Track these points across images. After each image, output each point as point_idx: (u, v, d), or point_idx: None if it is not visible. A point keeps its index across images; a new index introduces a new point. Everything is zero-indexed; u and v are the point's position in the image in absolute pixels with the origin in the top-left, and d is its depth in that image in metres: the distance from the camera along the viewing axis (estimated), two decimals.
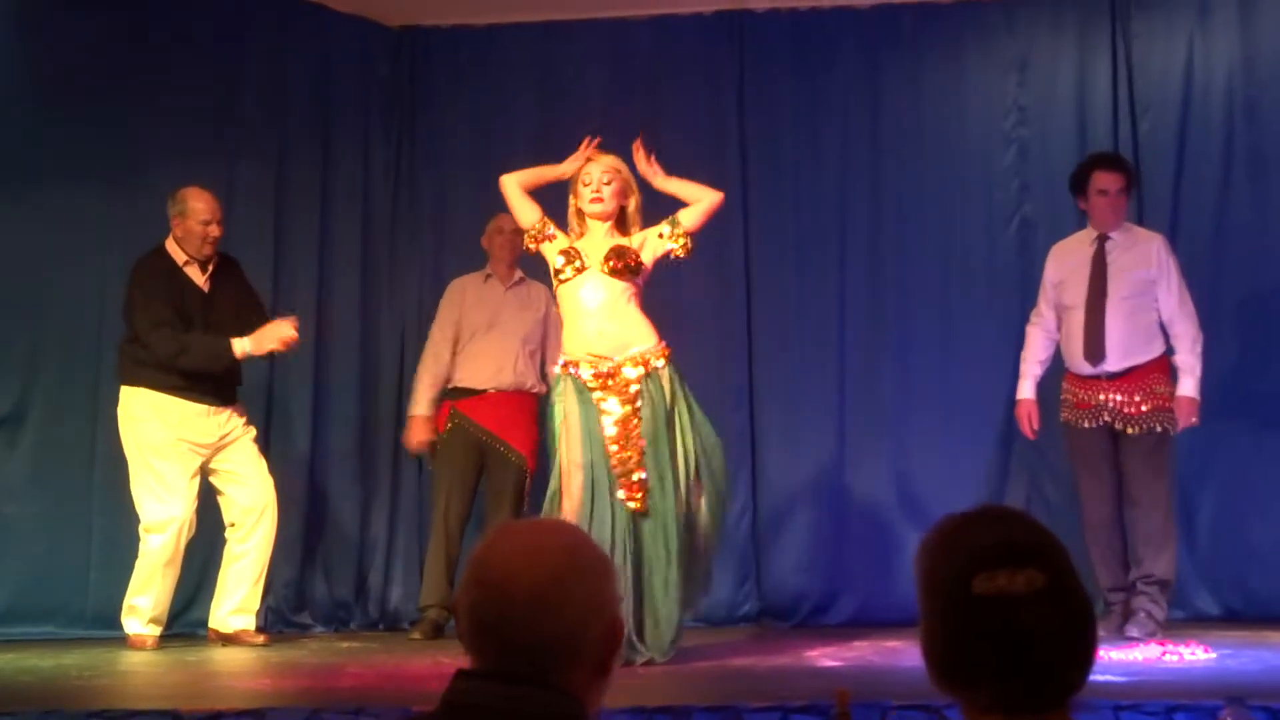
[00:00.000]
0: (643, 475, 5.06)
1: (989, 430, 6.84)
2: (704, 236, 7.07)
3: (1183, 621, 6.30)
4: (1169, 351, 5.89)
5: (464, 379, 6.48)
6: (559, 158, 5.58)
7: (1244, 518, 6.55)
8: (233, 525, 6.06)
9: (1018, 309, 6.85)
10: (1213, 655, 5.03)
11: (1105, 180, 5.98)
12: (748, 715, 3.70)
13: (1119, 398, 5.82)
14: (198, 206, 5.96)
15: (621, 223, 5.36)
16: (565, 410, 5.17)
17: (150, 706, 3.98)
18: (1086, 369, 5.87)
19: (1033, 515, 1.83)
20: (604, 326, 5.20)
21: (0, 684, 4.92)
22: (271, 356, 6.13)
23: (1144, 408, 5.80)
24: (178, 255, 5.99)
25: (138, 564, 5.89)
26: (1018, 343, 6.81)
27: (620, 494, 5.06)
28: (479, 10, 7.28)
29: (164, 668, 5.42)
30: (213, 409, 5.96)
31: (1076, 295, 5.94)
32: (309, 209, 7.08)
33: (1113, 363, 5.83)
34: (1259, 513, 6.52)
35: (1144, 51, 6.92)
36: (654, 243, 5.34)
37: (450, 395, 6.51)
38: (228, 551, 6.07)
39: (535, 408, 6.41)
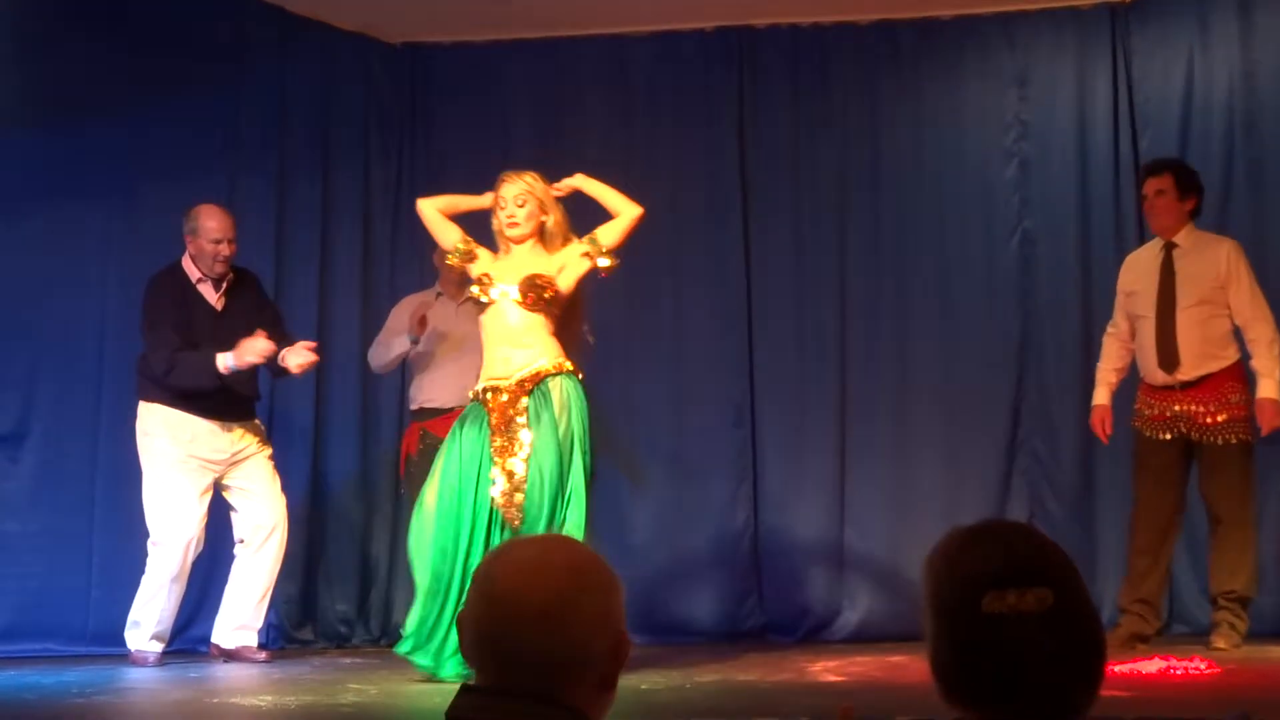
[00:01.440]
0: (507, 486, 5.09)
1: (991, 445, 6.83)
2: (704, 252, 7.14)
3: (1187, 636, 6.29)
4: (1245, 359, 5.79)
5: (429, 399, 6.48)
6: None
7: None
8: (242, 542, 6.06)
9: (1019, 324, 6.86)
10: (1217, 670, 5.02)
11: (1145, 185, 5.98)
12: None
13: (1194, 408, 5.72)
14: (209, 225, 5.96)
15: (544, 239, 5.38)
16: (456, 433, 5.25)
17: None
18: (1160, 379, 5.79)
19: (1038, 529, 1.82)
20: (510, 353, 5.23)
21: (1, 702, 4.91)
22: (282, 375, 6.09)
23: (1220, 418, 5.70)
24: (192, 272, 6.00)
25: (144, 578, 5.89)
26: (1019, 358, 6.82)
27: (498, 500, 5.10)
28: (480, 27, 7.29)
29: (165, 684, 5.41)
30: (226, 425, 5.96)
31: (1147, 304, 5.86)
32: (310, 226, 7.09)
33: (1187, 371, 5.74)
34: (1264, 528, 6.49)
35: (1144, 66, 6.92)
36: (575, 264, 5.33)
37: (417, 416, 6.53)
38: (235, 567, 6.07)
39: None
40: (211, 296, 6.02)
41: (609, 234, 5.36)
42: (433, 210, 5.50)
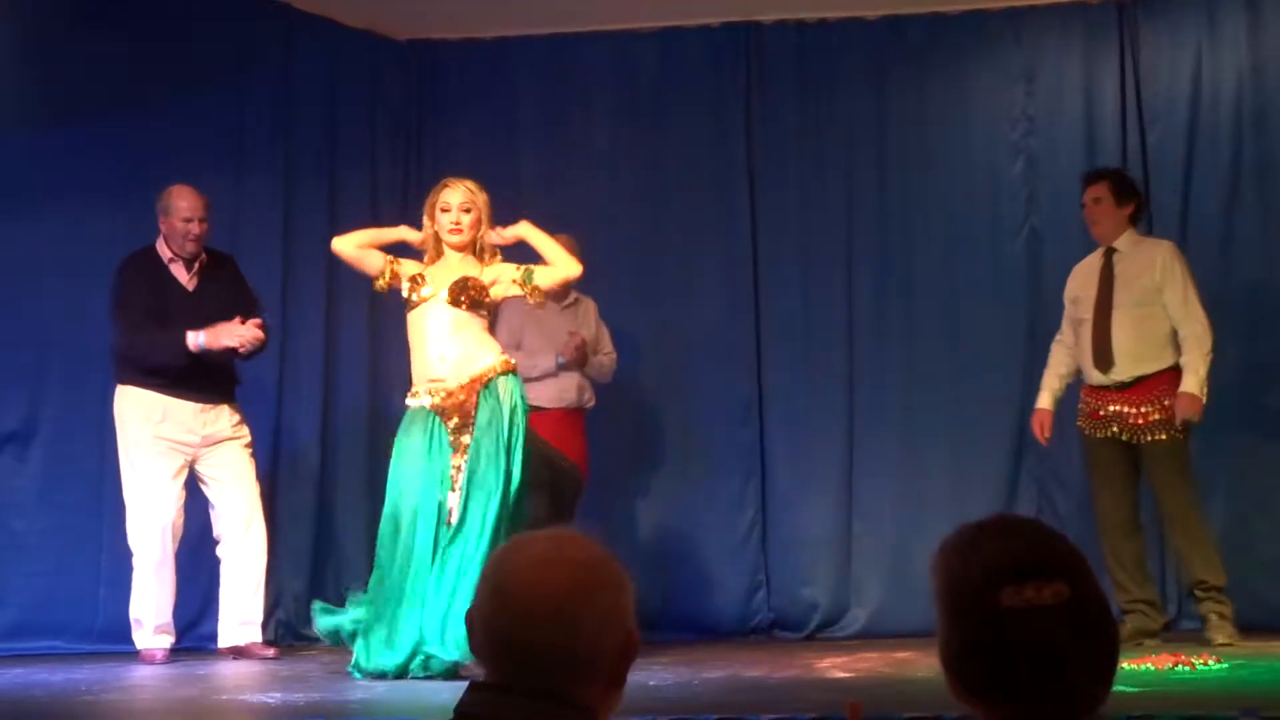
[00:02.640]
0: (456, 490, 5.14)
1: (998, 441, 6.83)
2: (712, 249, 7.14)
3: (1194, 632, 6.28)
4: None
5: (534, 399, 6.39)
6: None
7: (1252, 529, 6.53)
8: (220, 540, 6.04)
9: (1025, 320, 6.85)
10: (1224, 666, 5.01)
11: (1084, 194, 6.04)
12: None
13: (1127, 410, 5.80)
14: (180, 204, 5.97)
15: (475, 250, 5.38)
16: (402, 446, 5.28)
17: None
18: (1096, 378, 5.87)
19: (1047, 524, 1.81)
20: (445, 352, 5.26)
21: (11, 700, 4.92)
22: (257, 358, 6.06)
23: (1153, 418, 5.77)
24: (164, 252, 6.01)
25: (134, 575, 5.89)
26: (1026, 354, 6.81)
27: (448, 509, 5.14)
28: (487, 24, 7.29)
29: (173, 682, 5.42)
30: (201, 408, 5.94)
31: (1087, 308, 5.94)
32: (316, 224, 7.07)
33: (1122, 371, 5.81)
34: (1268, 524, 6.50)
35: (1152, 61, 6.91)
36: (506, 284, 5.36)
37: None
38: (223, 567, 6.07)
39: (583, 422, 6.49)
40: (183, 276, 6.02)
41: (545, 278, 5.38)
42: (351, 248, 5.50)
